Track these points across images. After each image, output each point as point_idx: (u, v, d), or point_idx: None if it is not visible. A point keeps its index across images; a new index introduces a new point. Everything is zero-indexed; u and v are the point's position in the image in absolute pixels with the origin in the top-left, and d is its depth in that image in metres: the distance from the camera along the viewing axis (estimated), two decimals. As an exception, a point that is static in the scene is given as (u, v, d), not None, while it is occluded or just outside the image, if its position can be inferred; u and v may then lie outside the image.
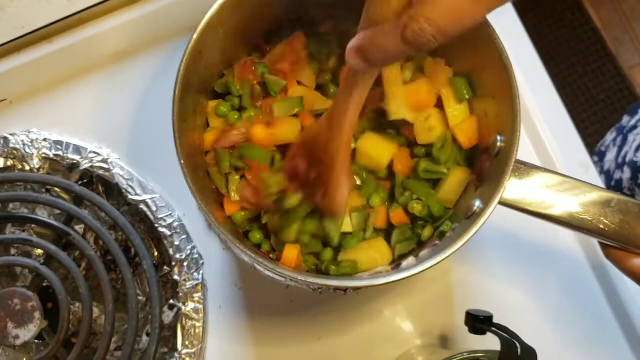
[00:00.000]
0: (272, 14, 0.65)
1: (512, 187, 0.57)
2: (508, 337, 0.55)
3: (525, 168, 0.58)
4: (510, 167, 0.55)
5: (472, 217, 0.57)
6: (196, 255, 0.70)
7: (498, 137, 0.58)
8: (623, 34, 1.83)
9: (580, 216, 0.58)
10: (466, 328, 0.60)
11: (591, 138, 1.71)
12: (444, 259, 0.54)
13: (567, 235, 0.74)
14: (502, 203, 0.57)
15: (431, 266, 0.54)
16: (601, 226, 0.57)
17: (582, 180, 0.59)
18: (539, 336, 0.69)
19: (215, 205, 0.62)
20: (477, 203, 0.57)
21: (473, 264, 0.73)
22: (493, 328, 0.57)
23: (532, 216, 0.59)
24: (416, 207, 0.63)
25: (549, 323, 0.72)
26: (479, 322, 0.58)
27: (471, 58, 0.62)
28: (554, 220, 0.59)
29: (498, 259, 0.73)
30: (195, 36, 0.59)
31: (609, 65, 1.79)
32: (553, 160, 0.75)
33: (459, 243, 0.54)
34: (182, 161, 0.56)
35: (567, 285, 0.73)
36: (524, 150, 0.76)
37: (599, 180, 0.77)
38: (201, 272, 0.70)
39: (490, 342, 0.57)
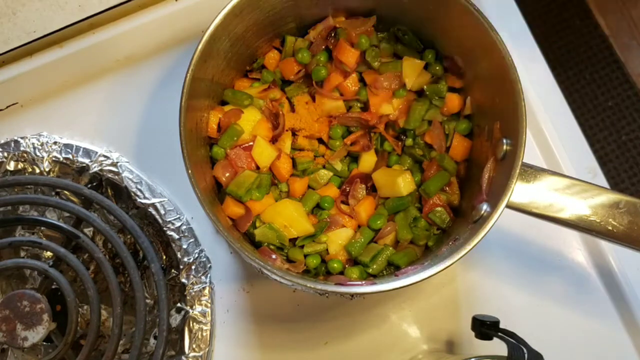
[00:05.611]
0: (275, 22, 0.66)
1: (520, 191, 0.57)
2: (515, 343, 0.55)
3: (532, 171, 0.59)
4: (517, 170, 0.55)
5: (479, 221, 0.57)
6: (204, 259, 0.70)
7: (504, 140, 0.58)
8: (631, 40, 1.83)
9: (589, 218, 0.58)
10: (473, 333, 0.60)
11: (599, 144, 1.70)
12: (452, 264, 0.54)
13: (574, 240, 0.74)
14: (510, 207, 0.57)
15: (439, 271, 0.54)
16: (610, 228, 0.57)
17: (590, 183, 0.59)
18: (546, 341, 0.69)
19: (223, 213, 0.63)
20: (485, 207, 0.57)
21: (480, 269, 0.73)
22: (500, 334, 0.57)
23: (540, 219, 0.59)
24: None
25: (556, 328, 0.72)
26: (485, 328, 0.58)
27: (478, 63, 0.63)
28: (562, 223, 0.59)
29: (504, 265, 0.73)
30: (200, 46, 0.59)
31: (618, 72, 1.78)
32: (561, 166, 0.75)
33: (467, 247, 0.54)
34: (189, 170, 0.56)
35: (574, 291, 0.73)
36: (532, 157, 0.76)
37: (606, 186, 0.77)
38: (209, 275, 0.70)
39: (497, 347, 0.57)
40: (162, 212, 0.71)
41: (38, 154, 0.72)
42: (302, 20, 0.68)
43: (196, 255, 0.70)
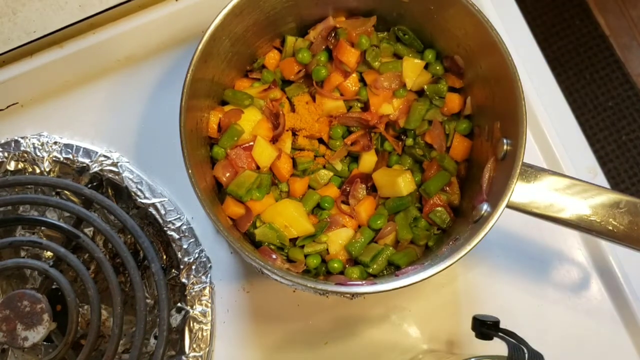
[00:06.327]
0: (275, 22, 0.66)
1: (521, 191, 0.57)
2: (515, 343, 0.55)
3: (532, 171, 0.59)
4: (518, 169, 0.55)
5: (480, 221, 0.57)
6: (204, 259, 0.70)
7: (504, 140, 0.58)
8: (631, 40, 1.83)
9: (590, 218, 0.58)
10: (473, 333, 0.60)
11: (599, 144, 1.70)
12: (452, 264, 0.54)
13: (574, 240, 0.74)
14: (511, 207, 0.57)
15: (439, 271, 0.54)
16: (610, 228, 0.58)
17: (590, 183, 0.59)
18: (546, 342, 0.69)
19: (224, 213, 0.63)
20: (485, 207, 0.57)
21: (480, 269, 0.73)
22: (500, 333, 0.57)
23: (541, 219, 0.59)
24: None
25: (556, 328, 0.72)
26: (486, 328, 0.58)
27: (478, 63, 0.63)
28: (562, 222, 0.59)
29: (505, 265, 0.73)
30: (200, 46, 0.59)
31: (618, 72, 1.78)
32: (561, 166, 0.75)
33: (467, 247, 0.54)
34: (190, 170, 0.56)
35: (574, 291, 0.73)
36: (533, 157, 0.76)
37: (606, 186, 0.77)
38: (209, 275, 0.70)
39: (498, 347, 0.57)
40: (163, 212, 0.71)
41: (38, 153, 0.72)
42: (302, 20, 0.68)
43: (196, 255, 0.70)
